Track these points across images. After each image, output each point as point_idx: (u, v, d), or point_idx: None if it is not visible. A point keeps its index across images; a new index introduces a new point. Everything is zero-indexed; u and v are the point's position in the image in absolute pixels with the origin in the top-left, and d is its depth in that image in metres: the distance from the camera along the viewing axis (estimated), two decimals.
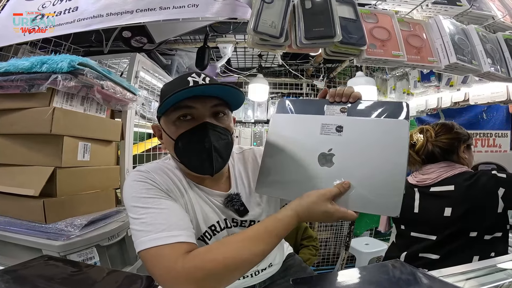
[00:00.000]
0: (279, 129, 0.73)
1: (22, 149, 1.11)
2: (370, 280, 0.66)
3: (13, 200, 1.07)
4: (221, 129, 0.66)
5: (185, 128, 0.64)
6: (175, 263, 0.50)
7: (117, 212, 1.33)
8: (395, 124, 0.61)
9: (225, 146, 0.67)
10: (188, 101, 0.63)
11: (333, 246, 2.74)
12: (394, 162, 0.58)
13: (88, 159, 1.19)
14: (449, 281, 0.66)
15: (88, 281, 0.72)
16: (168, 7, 1.11)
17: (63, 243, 1.00)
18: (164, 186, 0.63)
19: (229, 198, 0.72)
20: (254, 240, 0.53)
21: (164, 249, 0.51)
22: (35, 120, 1.04)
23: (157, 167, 0.67)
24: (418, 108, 2.21)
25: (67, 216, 1.09)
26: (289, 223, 0.56)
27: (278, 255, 0.87)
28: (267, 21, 0.89)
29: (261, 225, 0.56)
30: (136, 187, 0.60)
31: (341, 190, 0.58)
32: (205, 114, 0.65)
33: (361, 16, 0.97)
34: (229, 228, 0.72)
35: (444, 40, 0.97)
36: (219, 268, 0.49)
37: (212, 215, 0.70)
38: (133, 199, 0.59)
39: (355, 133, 0.64)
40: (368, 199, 0.58)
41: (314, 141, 0.67)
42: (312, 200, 0.57)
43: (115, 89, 1.21)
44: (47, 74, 1.02)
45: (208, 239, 0.69)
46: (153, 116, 1.89)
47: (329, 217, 0.57)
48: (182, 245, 0.52)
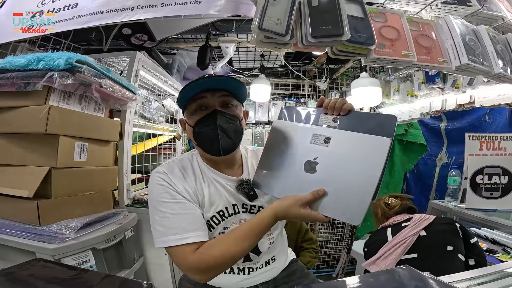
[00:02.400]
0: (278, 134, 0.81)
1: (17, 149, 1.08)
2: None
3: (7, 202, 1.04)
4: (229, 115, 0.78)
5: (200, 116, 0.77)
6: (186, 259, 0.68)
7: (114, 214, 1.30)
8: (376, 142, 0.65)
9: (232, 128, 0.77)
10: (201, 93, 0.76)
11: (334, 249, 2.71)
12: (367, 177, 0.63)
13: (85, 160, 1.16)
14: (460, 287, 0.65)
15: (82, 286, 0.69)
16: (170, 4, 1.08)
17: (57, 246, 0.98)
18: (180, 187, 0.75)
19: (240, 182, 0.81)
20: (242, 239, 0.67)
21: (178, 249, 0.69)
22: (30, 119, 1.02)
23: (174, 166, 0.79)
24: (422, 110, 2.18)
25: (62, 218, 1.06)
26: (269, 222, 0.68)
27: (280, 256, 0.91)
28: (273, 18, 0.86)
29: (247, 225, 0.69)
30: (156, 191, 0.74)
31: (315, 197, 0.66)
32: (215, 103, 0.77)
33: (369, 15, 0.94)
34: (237, 213, 0.81)
35: (455, 40, 0.95)
36: (216, 261, 0.66)
37: (222, 201, 0.79)
38: (154, 201, 0.74)
39: (339, 146, 0.69)
40: (337, 207, 0.65)
41: (303, 149, 0.74)
42: (289, 203, 0.66)
43: (114, 88, 1.18)
44: (43, 71, 1.00)
45: (215, 224, 0.78)
46: (153, 116, 1.85)
47: (302, 219, 0.68)
48: (191, 245, 0.68)
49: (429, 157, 2.65)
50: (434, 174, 2.60)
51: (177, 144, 2.30)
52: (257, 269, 0.85)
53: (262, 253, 0.84)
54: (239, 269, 0.83)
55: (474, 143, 1.59)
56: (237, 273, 0.83)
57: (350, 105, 0.75)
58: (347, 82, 2.67)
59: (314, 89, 2.78)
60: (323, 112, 0.77)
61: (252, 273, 0.84)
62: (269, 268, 0.87)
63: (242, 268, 0.83)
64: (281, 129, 0.80)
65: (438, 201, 1.67)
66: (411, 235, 1.16)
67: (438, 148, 2.59)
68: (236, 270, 0.83)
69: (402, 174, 2.76)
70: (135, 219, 1.41)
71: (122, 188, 1.47)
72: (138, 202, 1.55)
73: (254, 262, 0.84)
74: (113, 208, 1.35)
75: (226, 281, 0.84)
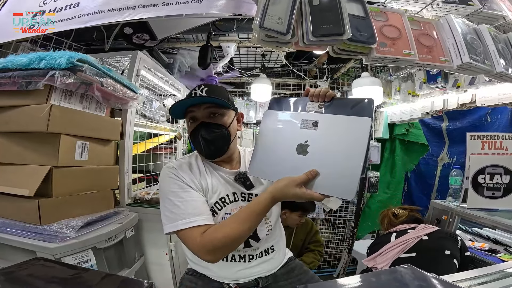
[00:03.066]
0: (269, 123, 0.87)
1: (17, 147, 1.08)
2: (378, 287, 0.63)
3: (7, 201, 1.05)
4: (214, 125, 0.87)
5: (192, 127, 0.89)
6: (195, 240, 0.75)
7: (115, 214, 1.30)
8: (359, 122, 0.72)
9: (216, 137, 0.87)
10: (191, 107, 0.88)
11: (335, 249, 2.71)
12: (354, 154, 0.69)
13: (86, 159, 1.16)
14: (463, 286, 0.65)
15: (82, 286, 0.69)
16: (171, 3, 1.08)
17: (58, 245, 0.98)
18: (187, 178, 0.84)
19: (238, 174, 0.92)
20: (243, 221, 0.74)
21: (187, 232, 0.77)
22: (31, 118, 1.02)
23: (183, 162, 0.90)
24: (423, 110, 2.17)
25: (62, 217, 1.07)
26: (267, 203, 0.73)
27: (278, 247, 0.98)
28: (274, 17, 0.86)
29: (247, 208, 0.76)
30: (166, 182, 0.84)
31: (309, 177, 0.71)
32: (203, 115, 0.87)
33: (371, 14, 0.94)
34: (237, 201, 0.90)
35: (456, 39, 0.94)
36: (221, 242, 0.73)
37: (223, 189, 0.89)
38: (164, 192, 0.84)
39: (327, 128, 0.76)
40: (330, 184, 0.70)
41: (294, 134, 0.80)
42: (284, 184, 0.72)
43: (115, 87, 1.18)
44: (45, 70, 1.00)
45: (218, 210, 0.87)
46: (154, 115, 1.86)
47: (298, 198, 0.71)
48: (199, 227, 0.76)
49: (431, 157, 2.65)
50: (436, 174, 2.60)
51: (178, 144, 2.30)
52: (257, 257, 0.91)
53: (261, 240, 0.91)
54: (240, 256, 0.89)
55: (476, 143, 1.59)
56: (238, 261, 0.89)
57: (333, 93, 0.84)
58: (348, 82, 2.66)
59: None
60: (309, 100, 0.85)
61: (252, 261, 0.91)
62: (268, 258, 0.94)
63: (243, 255, 0.90)
64: (272, 118, 0.87)
65: (439, 201, 1.66)
66: (414, 237, 1.22)
67: (439, 148, 2.59)
68: (237, 258, 0.89)
69: (403, 174, 2.76)
70: (135, 218, 1.41)
71: (123, 188, 1.48)
72: (139, 202, 1.55)
73: (254, 249, 0.91)
74: (114, 208, 1.36)
75: (228, 270, 0.89)
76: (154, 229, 1.52)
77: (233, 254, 0.89)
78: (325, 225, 2.68)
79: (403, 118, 2.35)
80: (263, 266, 0.92)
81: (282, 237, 1.03)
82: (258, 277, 0.91)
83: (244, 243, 0.88)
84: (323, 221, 2.62)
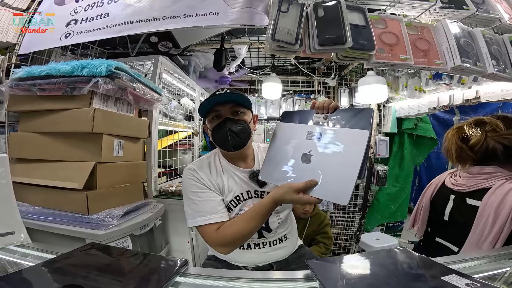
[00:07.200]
0: (279, 134, 0.98)
1: (64, 146, 1.21)
2: (374, 262, 0.73)
3: (56, 194, 1.17)
4: (237, 120, 0.97)
5: (216, 123, 0.97)
6: (211, 235, 0.89)
7: (145, 204, 1.45)
8: (357, 134, 0.79)
9: (240, 130, 0.96)
10: (215, 106, 0.97)
11: (344, 241, 2.78)
12: (350, 164, 0.76)
13: (122, 155, 1.31)
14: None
15: (133, 262, 0.75)
16: (191, 15, 1.21)
17: (104, 232, 1.10)
18: (205, 179, 0.96)
19: (252, 173, 1.01)
20: (249, 220, 0.85)
21: (205, 228, 0.90)
22: (77, 120, 1.15)
23: (202, 163, 1.01)
24: (430, 105, 2.22)
25: (105, 207, 1.20)
26: (269, 206, 0.84)
27: (291, 236, 1.08)
28: (284, 29, 0.98)
29: (252, 209, 0.87)
30: (187, 183, 0.96)
31: (307, 186, 0.79)
32: (226, 113, 0.97)
33: (371, 22, 1.04)
34: (250, 198, 0.99)
35: (450, 43, 1.03)
36: (232, 237, 0.86)
37: (238, 188, 0.99)
38: (186, 191, 0.96)
39: (328, 140, 0.84)
40: (327, 190, 0.78)
41: (300, 144, 0.89)
42: (284, 191, 0.81)
43: (145, 91, 1.33)
44: (87, 77, 1.12)
45: (233, 207, 0.97)
46: (174, 114, 2.01)
47: (296, 202, 0.83)
48: (214, 224, 0.89)
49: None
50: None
51: (195, 140, 2.45)
52: (270, 244, 1.02)
53: (272, 230, 1.02)
54: (255, 244, 1.01)
55: None
56: (253, 248, 1.01)
57: (336, 103, 0.91)
58: (356, 79, 2.72)
59: (324, 85, 2.85)
60: (315, 112, 0.93)
61: (266, 247, 1.02)
62: (282, 246, 1.04)
63: (257, 243, 1.01)
64: (282, 129, 0.98)
65: None
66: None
67: None
68: (253, 246, 1.01)
69: (412, 168, 2.77)
70: (162, 209, 1.56)
71: (151, 181, 1.62)
72: (164, 194, 1.70)
73: (266, 238, 1.02)
74: (144, 199, 1.50)
75: (245, 256, 1.01)
76: (177, 219, 1.65)
77: (248, 243, 1.00)
78: (334, 217, 2.71)
79: (410, 113, 2.41)
80: (277, 252, 1.03)
81: (293, 227, 1.14)
82: (272, 261, 1.03)
83: (258, 234, 1.00)
84: (332, 213, 2.66)
